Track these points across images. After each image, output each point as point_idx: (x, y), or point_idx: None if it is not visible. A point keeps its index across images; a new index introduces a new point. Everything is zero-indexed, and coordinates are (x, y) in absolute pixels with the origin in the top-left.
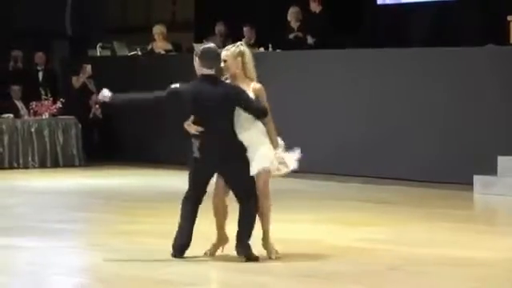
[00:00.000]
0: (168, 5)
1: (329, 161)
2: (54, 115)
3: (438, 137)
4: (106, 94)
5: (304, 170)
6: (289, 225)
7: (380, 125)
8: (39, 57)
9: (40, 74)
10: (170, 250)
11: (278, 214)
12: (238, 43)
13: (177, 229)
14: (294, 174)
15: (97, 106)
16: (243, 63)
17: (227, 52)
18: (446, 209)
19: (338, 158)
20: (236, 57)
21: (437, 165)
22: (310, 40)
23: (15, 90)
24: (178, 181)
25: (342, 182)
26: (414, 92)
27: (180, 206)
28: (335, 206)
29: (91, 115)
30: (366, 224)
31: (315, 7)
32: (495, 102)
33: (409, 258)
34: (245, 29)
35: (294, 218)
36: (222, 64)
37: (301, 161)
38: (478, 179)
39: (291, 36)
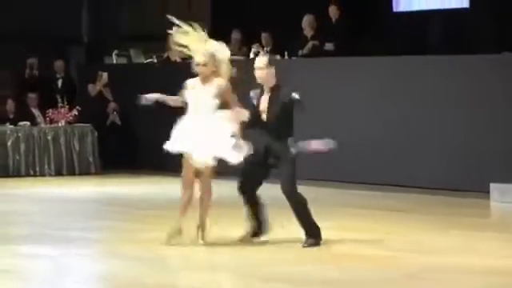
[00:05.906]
0: (184, 12)
1: (343, 168)
2: (70, 123)
3: (455, 144)
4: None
5: (317, 177)
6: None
7: (395, 132)
8: (58, 65)
9: (59, 82)
10: None
11: (292, 221)
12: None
13: None
14: (306, 181)
15: (115, 112)
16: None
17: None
18: (463, 217)
19: (353, 166)
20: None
21: (453, 173)
22: (328, 47)
23: (31, 97)
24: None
25: (357, 190)
26: (429, 99)
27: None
28: (349, 214)
29: (108, 122)
30: (382, 232)
31: (334, 13)
32: None
33: (426, 265)
34: (263, 35)
35: None
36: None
37: (315, 168)
38: (494, 187)
39: (306, 48)
